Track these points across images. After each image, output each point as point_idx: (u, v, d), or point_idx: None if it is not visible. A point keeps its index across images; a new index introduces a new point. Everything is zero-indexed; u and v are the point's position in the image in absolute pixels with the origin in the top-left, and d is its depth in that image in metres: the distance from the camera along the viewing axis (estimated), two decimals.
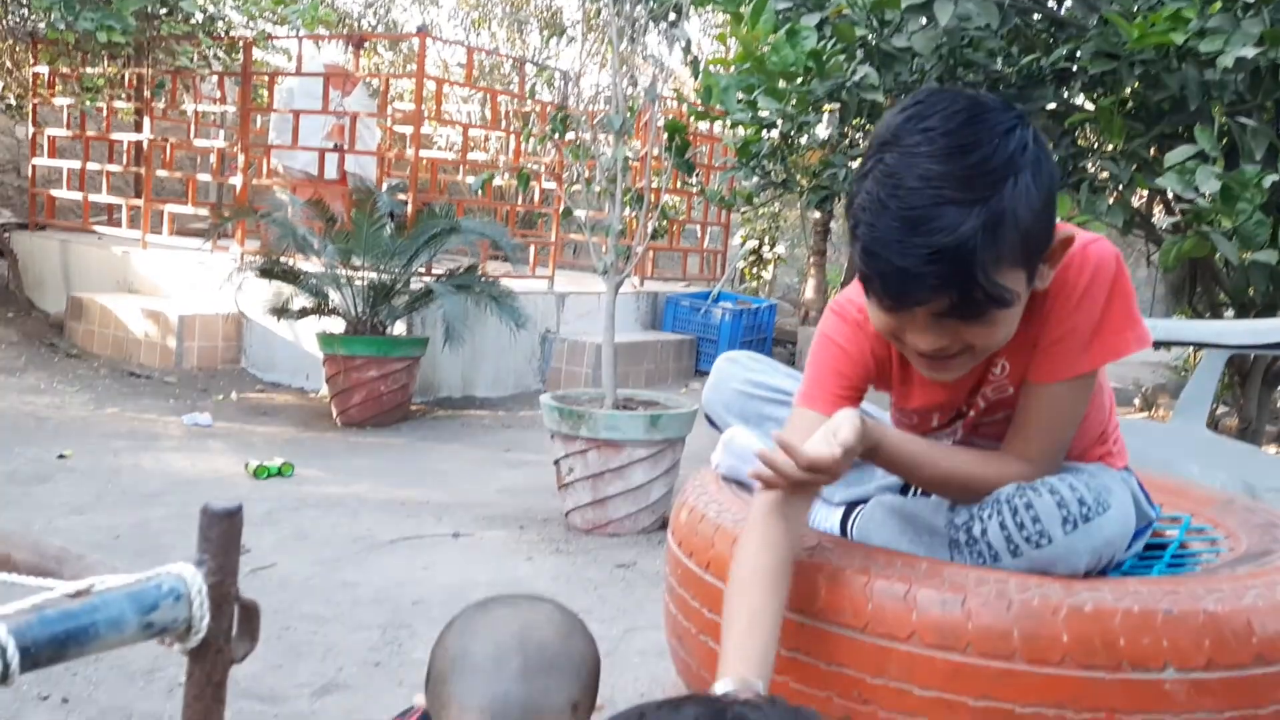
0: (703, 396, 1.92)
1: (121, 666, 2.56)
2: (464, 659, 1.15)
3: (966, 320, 1.30)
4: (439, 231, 5.23)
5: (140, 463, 4.45)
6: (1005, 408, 1.56)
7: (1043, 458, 1.51)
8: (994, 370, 1.53)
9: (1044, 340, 1.46)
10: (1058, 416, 1.50)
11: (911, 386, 1.60)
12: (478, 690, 1.12)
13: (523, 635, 1.16)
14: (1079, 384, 1.48)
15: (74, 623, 0.94)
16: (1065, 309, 1.44)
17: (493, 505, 4.14)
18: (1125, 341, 1.46)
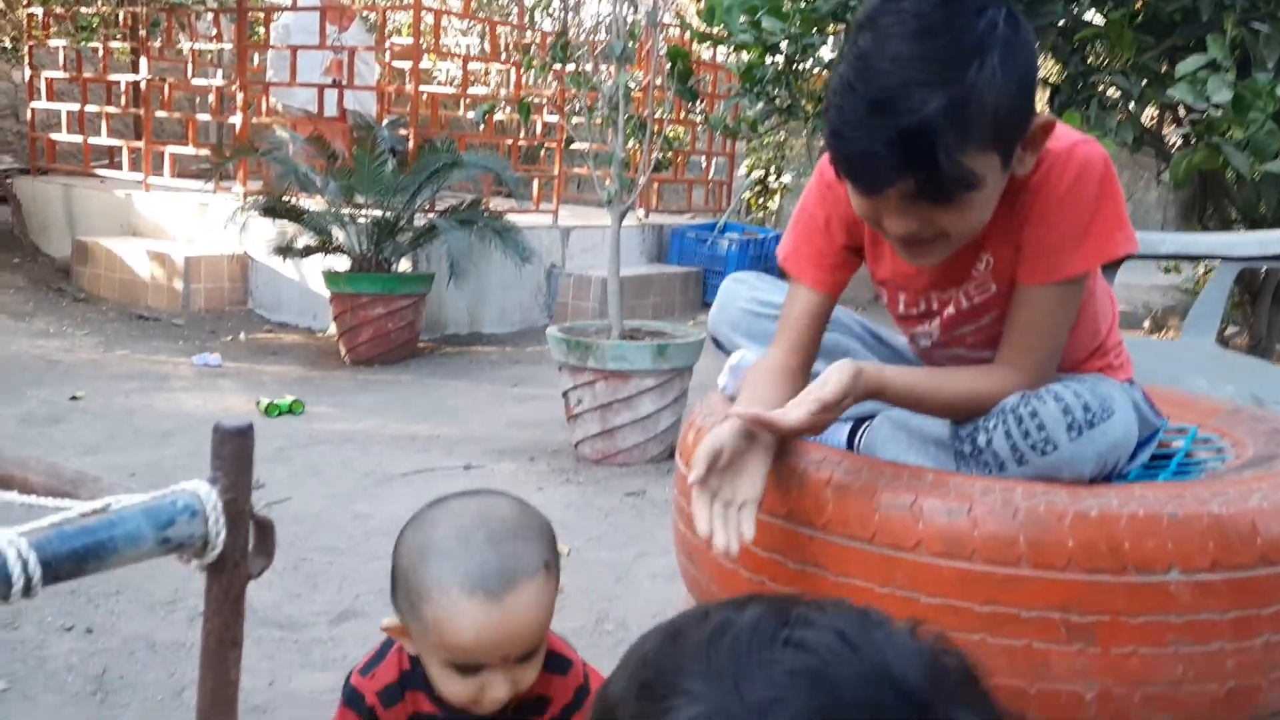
0: (709, 318, 1.92)
1: (142, 598, 2.60)
2: (429, 547, 1.16)
3: (936, 203, 1.31)
4: (441, 166, 5.19)
5: (152, 403, 4.49)
6: (989, 310, 1.55)
7: (1037, 365, 1.51)
8: (978, 266, 1.52)
9: (1029, 239, 1.46)
10: (1049, 321, 1.49)
11: (881, 250, 1.61)
12: (452, 568, 1.13)
13: (480, 513, 1.18)
14: (1069, 288, 1.48)
15: (92, 538, 0.96)
16: (1049, 206, 1.43)
17: (502, 438, 4.17)
18: (1114, 244, 1.46)
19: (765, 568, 1.55)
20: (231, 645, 1.11)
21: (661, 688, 0.57)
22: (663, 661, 0.59)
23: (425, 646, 1.18)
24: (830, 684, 0.53)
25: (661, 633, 0.62)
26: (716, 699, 0.54)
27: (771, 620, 0.58)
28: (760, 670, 0.55)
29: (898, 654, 0.55)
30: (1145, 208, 10.74)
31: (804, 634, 0.56)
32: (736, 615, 0.59)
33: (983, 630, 1.37)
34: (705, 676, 0.56)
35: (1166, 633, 1.37)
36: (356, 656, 2.36)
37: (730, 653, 0.56)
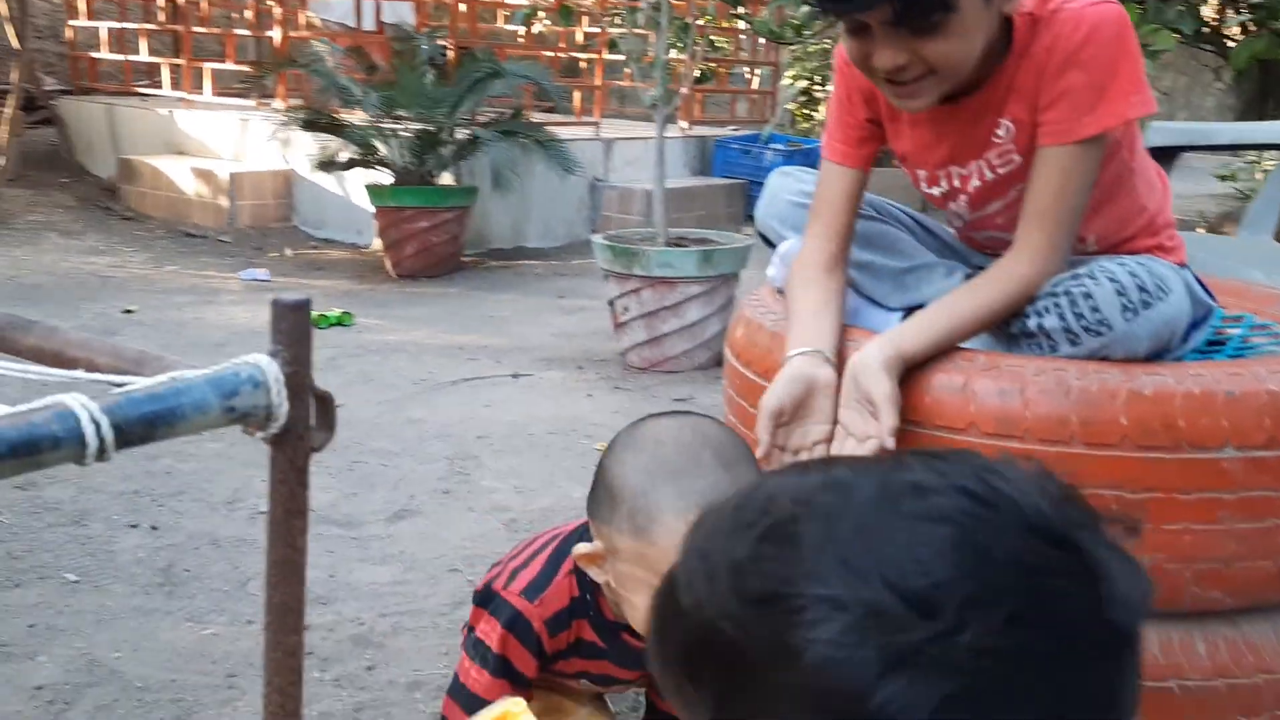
0: (756, 213, 1.90)
1: (204, 498, 2.68)
2: (660, 468, 1.13)
3: (918, 32, 1.32)
4: (482, 77, 5.15)
5: (203, 316, 4.56)
6: (1014, 184, 1.53)
7: (1057, 235, 1.47)
8: (997, 133, 1.50)
9: (1044, 99, 1.44)
10: (1067, 185, 1.45)
11: (900, 124, 1.60)
12: (689, 488, 1.10)
13: (699, 433, 1.16)
14: (1086, 150, 1.45)
15: (162, 403, 0.98)
16: (1064, 64, 1.41)
17: (550, 348, 4.20)
18: (1130, 104, 1.43)
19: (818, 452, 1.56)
20: (298, 515, 1.14)
21: (786, 599, 0.49)
22: (773, 566, 0.51)
23: (639, 574, 1.13)
24: (980, 549, 0.48)
25: (757, 535, 0.53)
26: (867, 596, 0.47)
27: (886, 494, 0.51)
28: (904, 551, 0.48)
29: (1027, 499, 0.51)
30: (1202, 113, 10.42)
31: (932, 503, 0.50)
32: (842, 497, 0.52)
33: None
34: (841, 574, 0.48)
35: (1219, 509, 1.36)
36: (414, 552, 2.43)
37: (862, 539, 0.49)
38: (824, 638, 0.47)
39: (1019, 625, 0.47)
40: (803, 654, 0.47)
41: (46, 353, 1.28)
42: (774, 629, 0.49)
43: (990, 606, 0.47)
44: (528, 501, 2.73)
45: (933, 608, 0.47)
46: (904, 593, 0.47)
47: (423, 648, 2.04)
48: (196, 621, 2.11)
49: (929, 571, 0.47)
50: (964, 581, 0.47)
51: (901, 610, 0.47)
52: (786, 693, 0.49)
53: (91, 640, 2.02)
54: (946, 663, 0.46)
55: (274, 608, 1.16)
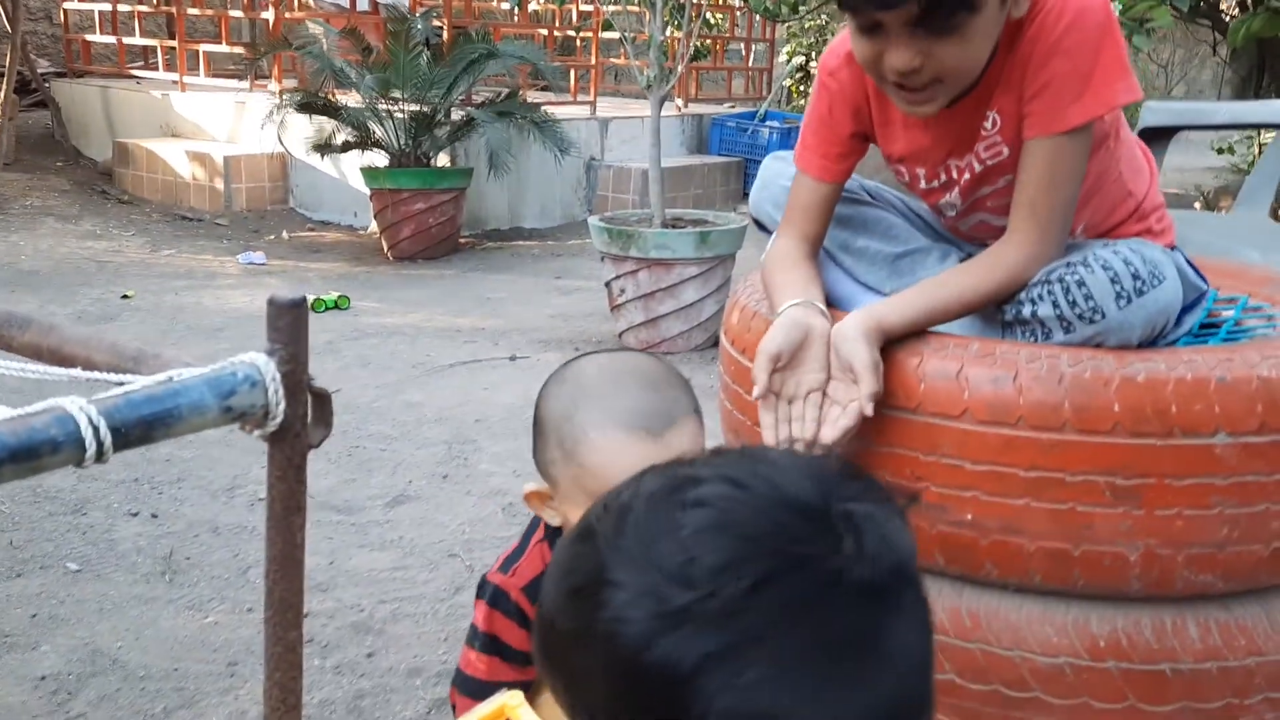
0: (750, 198, 1.91)
1: (204, 485, 2.70)
2: (582, 393, 1.14)
3: (937, 33, 1.32)
4: (477, 57, 5.13)
5: (201, 300, 4.56)
6: (1004, 172, 1.54)
7: (1048, 224, 1.48)
8: (985, 125, 1.51)
9: (1029, 90, 1.44)
10: (1056, 175, 1.46)
11: (893, 128, 1.60)
12: (610, 408, 1.12)
13: (626, 363, 1.18)
14: (1074, 140, 1.45)
15: (159, 405, 0.99)
16: (1048, 53, 1.41)
17: (547, 329, 4.20)
18: (1115, 92, 1.43)
19: None
20: (296, 511, 1.15)
21: (588, 588, 0.59)
22: (582, 563, 0.61)
23: (580, 500, 1.14)
24: (734, 527, 0.56)
25: (574, 538, 0.64)
26: (638, 580, 0.56)
27: (665, 489, 0.60)
28: (668, 539, 0.57)
29: (784, 478, 0.58)
30: (1199, 86, 10.37)
31: (697, 492, 0.58)
32: (633, 497, 0.61)
33: (1027, 495, 1.39)
34: (622, 563, 0.58)
35: (1211, 494, 1.37)
36: (413, 537, 2.45)
37: (636, 533, 0.58)
38: (609, 615, 0.57)
39: (765, 586, 0.54)
40: (597, 630, 0.57)
41: (44, 349, 1.28)
42: (581, 615, 0.59)
43: (738, 573, 0.54)
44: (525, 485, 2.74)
45: (689, 579, 0.55)
46: (666, 569, 0.56)
47: (422, 634, 2.06)
48: (197, 610, 2.13)
49: (686, 549, 0.56)
50: (715, 555, 0.55)
51: (664, 584, 0.55)
52: (596, 668, 0.58)
53: (94, 629, 2.04)
54: (704, 623, 0.54)
55: (274, 602, 1.17)
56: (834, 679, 0.55)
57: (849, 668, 0.55)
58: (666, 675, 0.55)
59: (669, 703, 0.55)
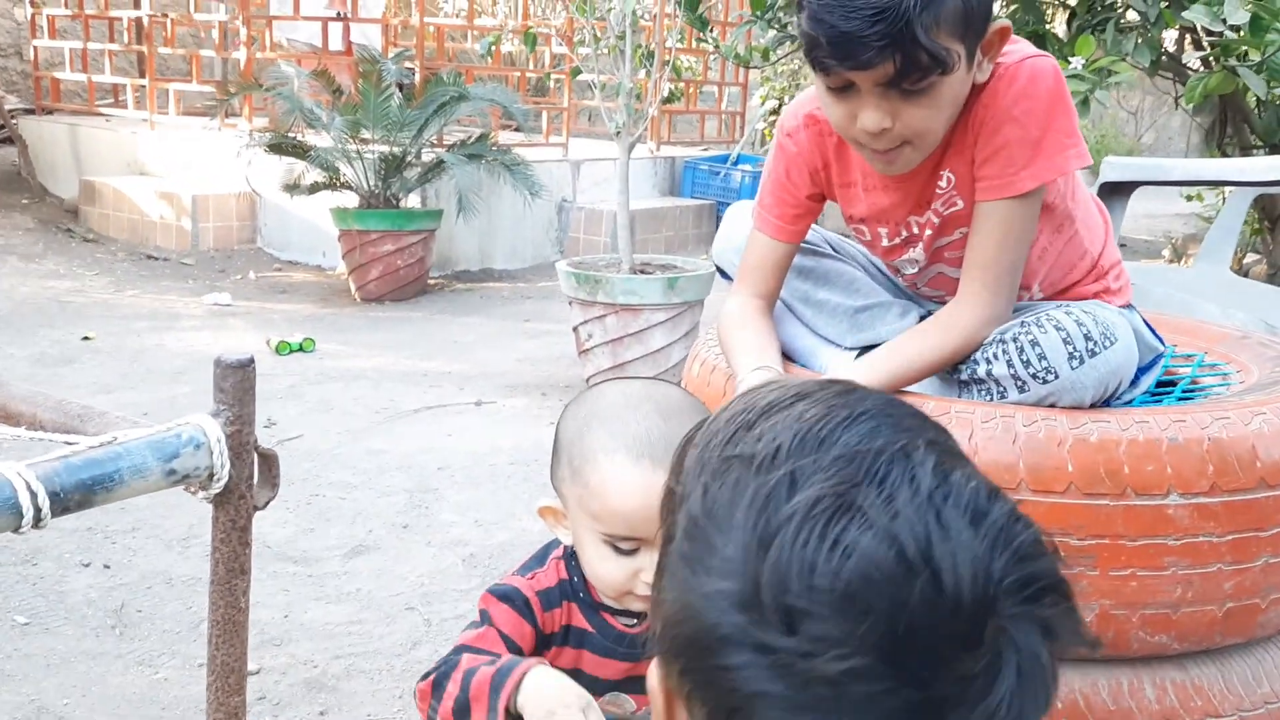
0: (713, 247, 1.92)
1: (159, 535, 2.65)
2: (596, 414, 1.15)
3: (907, 96, 1.35)
4: (448, 100, 5.14)
5: (163, 342, 4.51)
6: (959, 224, 1.56)
7: (1000, 285, 1.51)
8: (939, 183, 1.53)
9: (981, 153, 1.47)
10: (1005, 239, 1.49)
11: (853, 190, 1.62)
12: (619, 432, 1.13)
13: (647, 390, 1.19)
14: (1024, 204, 1.48)
15: (100, 469, 0.97)
16: (1000, 119, 1.44)
17: (514, 374, 4.19)
18: (1066, 159, 1.46)
19: None
20: (240, 574, 1.13)
21: (708, 536, 0.56)
22: (719, 500, 0.57)
23: (584, 521, 1.15)
24: (868, 610, 0.51)
25: (731, 456, 0.58)
26: (744, 586, 0.53)
27: (831, 506, 0.53)
28: (797, 569, 0.52)
29: (954, 556, 0.52)
30: (1168, 133, 10.56)
31: (856, 538, 0.52)
32: (798, 481, 0.55)
33: None
34: (745, 550, 0.54)
35: (1165, 555, 1.38)
36: (371, 590, 2.41)
37: (778, 535, 0.53)
38: (705, 589, 0.54)
39: (857, 680, 0.50)
40: (690, 590, 0.55)
41: None
42: (695, 554, 0.56)
43: (844, 651, 0.50)
44: (486, 536, 2.72)
45: (792, 625, 0.51)
46: (775, 596, 0.52)
47: (377, 691, 2.02)
48: (147, 665, 2.08)
49: (810, 597, 0.51)
50: (830, 625, 0.51)
51: (766, 608, 0.52)
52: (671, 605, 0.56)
53: (39, 686, 1.99)
54: (781, 669, 0.51)
55: (216, 667, 1.14)
56: None
57: None
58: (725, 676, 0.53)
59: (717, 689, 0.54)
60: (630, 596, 1.17)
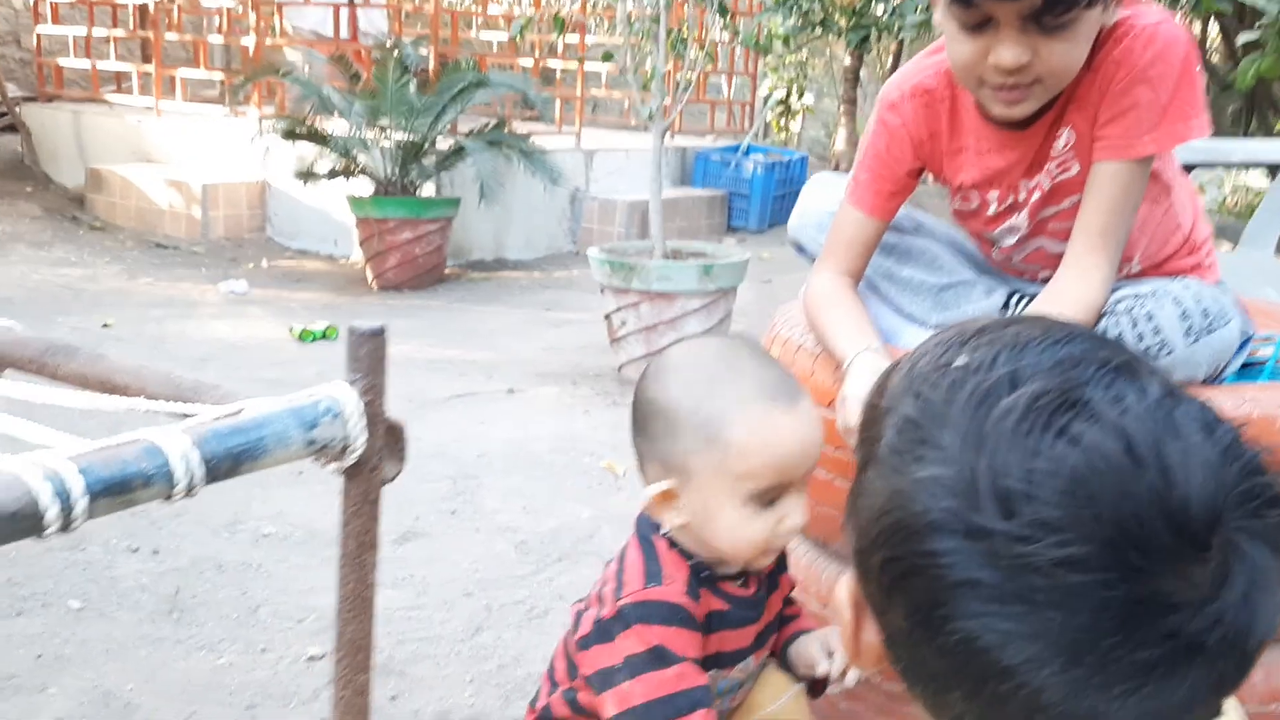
0: (790, 223, 1.89)
1: (204, 520, 2.61)
2: (707, 378, 1.12)
3: (1048, 31, 1.32)
4: (466, 86, 5.10)
5: (184, 330, 4.46)
6: (1070, 192, 1.53)
7: (1115, 251, 1.48)
8: (1057, 144, 1.50)
9: (1106, 113, 1.45)
10: (1118, 201, 1.46)
11: (964, 155, 1.59)
12: (745, 384, 1.10)
13: (727, 342, 1.17)
14: (1140, 168, 1.46)
15: (246, 438, 0.94)
16: (1130, 80, 1.42)
17: (541, 362, 4.15)
18: (1190, 127, 1.44)
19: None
20: (370, 548, 1.10)
21: (921, 429, 0.55)
22: (934, 399, 0.56)
23: (723, 487, 1.10)
24: (1090, 500, 0.49)
25: (945, 365, 0.57)
26: (961, 471, 0.52)
27: (1055, 400, 0.52)
28: (1018, 456, 0.50)
29: (1183, 468, 0.49)
30: None
31: (1084, 429, 0.50)
32: (1019, 379, 0.53)
33: None
34: (963, 438, 0.53)
35: None
36: (425, 575, 2.38)
37: (997, 425, 0.52)
38: (918, 474, 0.53)
39: (1077, 568, 0.48)
40: (901, 476, 0.54)
41: (91, 379, 1.23)
42: (901, 448, 0.55)
43: (1060, 541, 0.49)
44: (536, 522, 2.68)
45: (1010, 511, 0.50)
46: (995, 482, 0.50)
47: (446, 676, 1.99)
48: (209, 650, 2.05)
49: (1029, 480, 0.50)
50: (1050, 510, 0.49)
51: (984, 494, 0.50)
52: (877, 493, 0.56)
53: (101, 671, 1.95)
54: (995, 558, 0.50)
55: (344, 644, 1.11)
56: (1080, 683, 0.49)
57: (1104, 683, 0.49)
58: (932, 562, 0.52)
59: (922, 580, 0.52)
60: (766, 554, 1.14)
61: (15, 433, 1.02)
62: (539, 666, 2.02)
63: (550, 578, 2.39)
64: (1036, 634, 0.49)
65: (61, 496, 0.81)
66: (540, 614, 2.22)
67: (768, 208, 7.04)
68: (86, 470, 0.82)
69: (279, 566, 2.40)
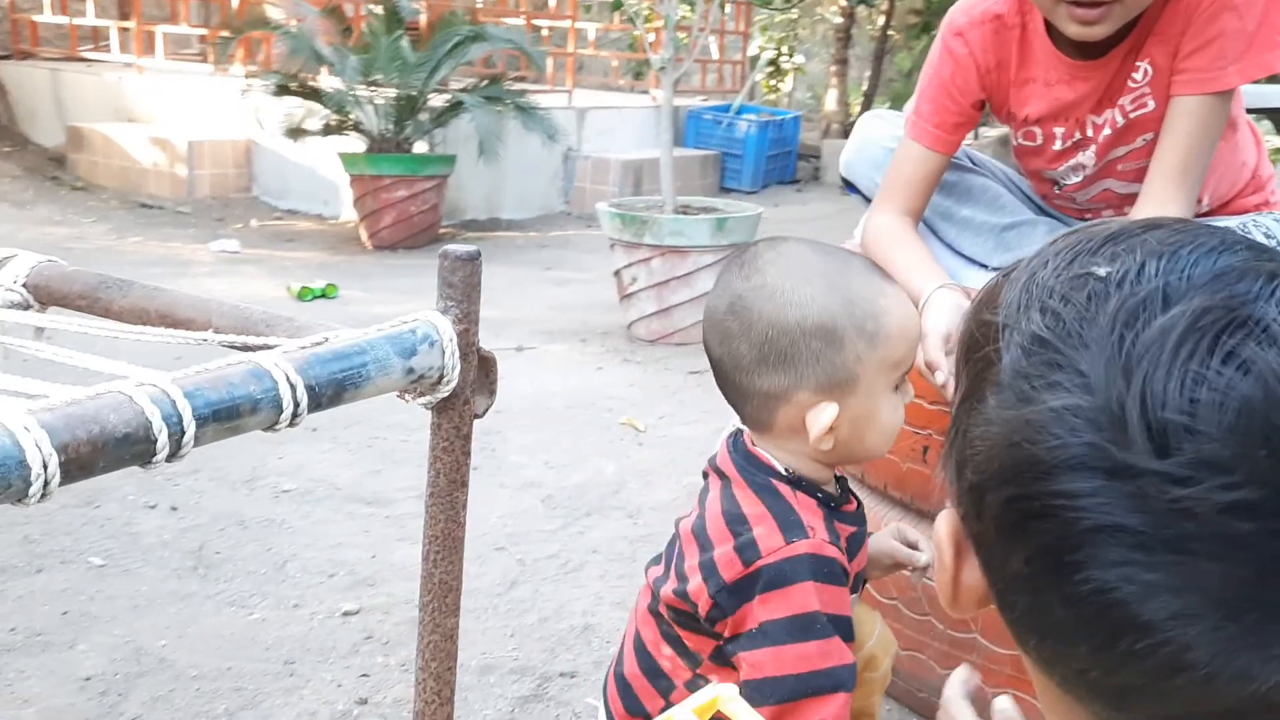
0: (843, 159, 1.83)
1: (222, 476, 2.55)
2: (834, 279, 1.04)
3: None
4: (461, 40, 4.99)
5: (179, 288, 4.34)
6: (1145, 129, 1.49)
7: (1196, 187, 1.44)
8: (1135, 76, 1.45)
9: (1188, 45, 1.40)
10: (1200, 136, 1.42)
11: (1033, 86, 1.54)
12: (866, 276, 1.06)
13: (801, 241, 1.10)
14: (1222, 101, 1.41)
15: (348, 363, 0.88)
16: (1219, 5, 1.37)
17: (547, 320, 4.09)
18: (1276, 57, 1.40)
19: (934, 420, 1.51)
20: (461, 485, 1.05)
21: (1055, 350, 0.47)
22: (1068, 316, 0.47)
23: (883, 380, 1.05)
24: (1263, 436, 0.42)
25: (1081, 275, 0.49)
26: (1107, 400, 0.44)
27: (1221, 319, 0.44)
28: (1177, 383, 0.43)
29: None
30: None
31: (1255, 353, 0.43)
32: (1174, 294, 0.46)
33: None
34: (1108, 362, 0.45)
35: None
36: None
37: (1151, 348, 0.44)
38: (1052, 403, 0.45)
39: (1243, 514, 0.42)
40: (1030, 405, 0.46)
41: (151, 314, 1.17)
42: (1030, 373, 0.47)
43: (1225, 481, 0.42)
44: (561, 478, 2.64)
45: (1165, 448, 0.43)
46: (1148, 410, 0.43)
47: (487, 629, 1.94)
48: (240, 606, 1.99)
49: (1190, 410, 0.42)
50: (1214, 445, 0.42)
51: (1133, 427, 0.43)
52: (993, 420, 0.48)
53: (131, 627, 1.89)
54: (1144, 500, 0.43)
55: (433, 586, 1.06)
56: (1234, 641, 0.43)
57: (1261, 642, 0.43)
58: (1067, 504, 0.44)
59: (1053, 523, 0.45)
60: (898, 430, 1.11)
61: (90, 365, 0.95)
62: (579, 620, 1.98)
63: (580, 531, 2.35)
64: (1188, 586, 0.43)
65: (170, 421, 0.75)
66: (575, 568, 2.18)
67: (761, 167, 6.98)
68: (193, 394, 0.77)
69: (303, 522, 2.34)
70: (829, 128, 7.95)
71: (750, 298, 1.05)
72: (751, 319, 1.04)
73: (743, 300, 1.06)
